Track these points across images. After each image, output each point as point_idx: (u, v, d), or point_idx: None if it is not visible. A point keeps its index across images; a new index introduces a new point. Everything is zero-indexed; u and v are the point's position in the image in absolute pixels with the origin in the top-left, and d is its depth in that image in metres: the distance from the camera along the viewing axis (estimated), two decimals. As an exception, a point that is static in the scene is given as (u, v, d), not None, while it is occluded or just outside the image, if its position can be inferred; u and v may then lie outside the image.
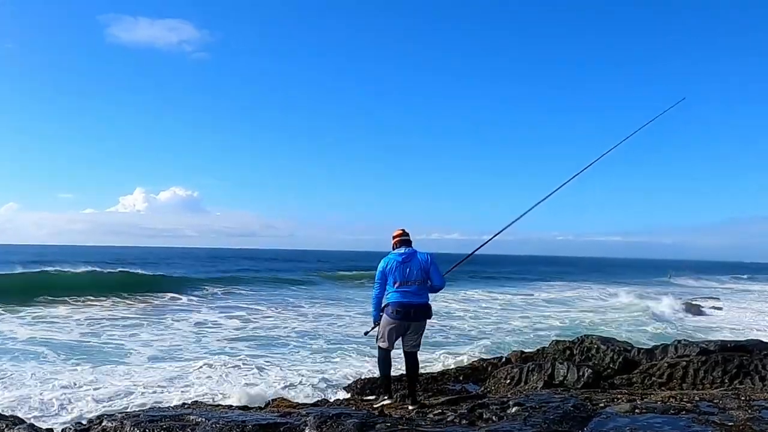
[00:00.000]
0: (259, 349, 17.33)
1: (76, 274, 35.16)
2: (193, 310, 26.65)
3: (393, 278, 6.00)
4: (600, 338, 11.46)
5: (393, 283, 5.99)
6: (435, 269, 6.08)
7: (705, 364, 9.11)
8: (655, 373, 9.29)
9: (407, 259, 6.03)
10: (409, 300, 5.92)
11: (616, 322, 25.94)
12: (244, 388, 12.46)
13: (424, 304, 6.03)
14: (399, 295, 5.95)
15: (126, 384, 12.80)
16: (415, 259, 6.06)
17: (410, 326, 6.04)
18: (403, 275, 5.97)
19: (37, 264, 44.63)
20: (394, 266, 6.03)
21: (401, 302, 5.91)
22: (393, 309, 5.93)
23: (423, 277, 6.02)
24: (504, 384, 9.45)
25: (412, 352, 6.22)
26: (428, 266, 6.06)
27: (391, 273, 6.02)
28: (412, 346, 6.18)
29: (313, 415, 5.20)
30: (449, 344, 19.07)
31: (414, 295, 5.96)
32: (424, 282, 6.04)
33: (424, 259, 6.07)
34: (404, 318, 5.96)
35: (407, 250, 6.12)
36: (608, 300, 38.97)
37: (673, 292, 45.92)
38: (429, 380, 10.58)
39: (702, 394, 6.77)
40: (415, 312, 5.96)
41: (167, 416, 5.42)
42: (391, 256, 6.12)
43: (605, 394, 7.05)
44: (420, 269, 6.01)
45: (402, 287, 5.95)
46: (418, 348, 6.27)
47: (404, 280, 5.96)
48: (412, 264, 6.01)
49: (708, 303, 36.36)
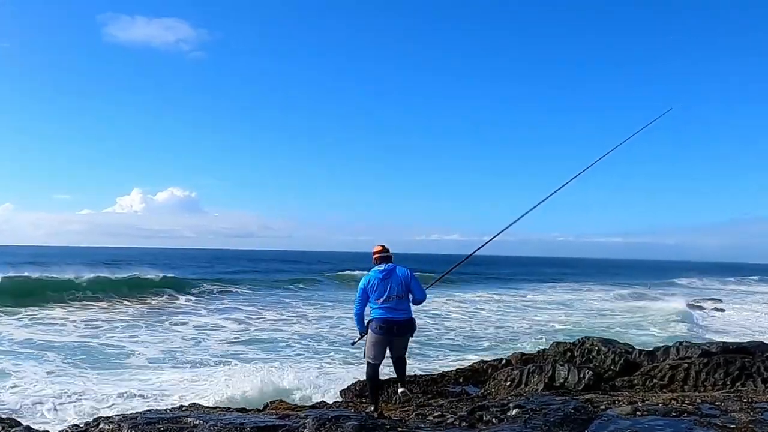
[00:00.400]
0: (257, 352, 17.32)
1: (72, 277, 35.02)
2: (192, 312, 26.66)
3: (375, 295, 6.17)
4: (601, 340, 11.46)
5: (375, 300, 6.17)
6: (415, 283, 6.25)
7: (707, 366, 9.10)
8: (656, 375, 9.29)
9: (387, 276, 6.19)
10: (392, 316, 6.09)
11: (631, 323, 25.94)
12: (242, 389, 12.45)
13: (407, 319, 6.20)
14: (382, 311, 6.12)
15: (124, 386, 12.80)
16: (395, 275, 6.21)
17: (393, 341, 6.23)
18: (385, 291, 6.14)
19: (35, 266, 44.59)
20: (375, 283, 6.18)
21: (384, 318, 6.08)
22: (377, 325, 6.11)
23: (403, 292, 6.19)
24: (504, 386, 9.44)
25: (400, 356, 6.43)
26: (408, 281, 6.22)
27: (372, 290, 6.18)
28: (399, 353, 6.39)
29: (311, 418, 5.20)
30: (449, 346, 19.08)
31: (396, 311, 6.13)
32: (405, 297, 6.21)
33: (404, 275, 6.23)
34: (387, 333, 6.12)
35: (387, 267, 6.26)
36: (618, 302, 38.76)
37: (682, 293, 45.87)
38: (429, 382, 10.56)
39: (704, 396, 6.77)
40: (399, 328, 6.14)
41: (165, 419, 5.41)
42: (372, 274, 6.26)
43: (606, 396, 7.05)
44: (400, 285, 6.17)
45: (384, 303, 6.13)
46: (405, 352, 6.48)
47: (386, 296, 6.13)
48: (392, 280, 6.17)
49: (709, 304, 36.37)
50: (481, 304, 34.18)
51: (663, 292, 45.79)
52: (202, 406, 7.98)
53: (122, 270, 42.52)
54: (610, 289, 51.21)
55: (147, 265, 54.25)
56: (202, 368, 14.73)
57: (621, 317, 28.93)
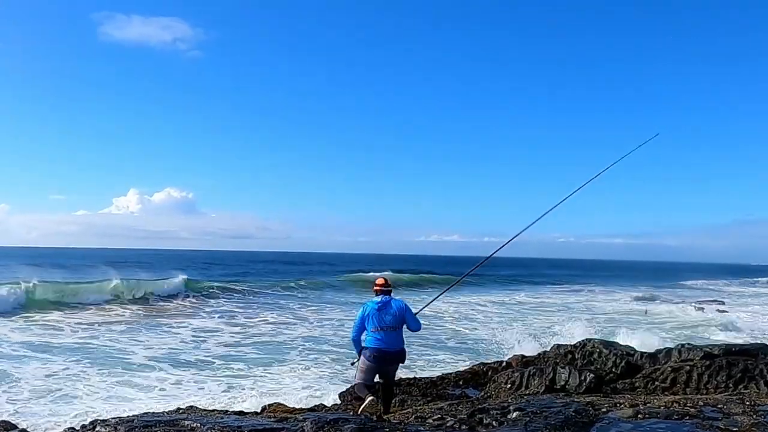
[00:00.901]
0: (256, 354, 17.34)
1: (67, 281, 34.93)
2: (191, 315, 26.62)
3: (370, 324, 6.75)
4: (602, 342, 11.46)
5: (371, 329, 6.74)
6: (410, 315, 6.85)
7: (709, 369, 9.10)
8: (658, 378, 9.28)
9: (383, 307, 6.78)
10: (385, 347, 6.66)
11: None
12: (241, 392, 12.46)
13: (398, 351, 6.78)
14: (376, 341, 6.69)
15: (122, 389, 12.82)
16: (390, 306, 6.80)
17: (384, 369, 6.80)
18: (380, 321, 6.72)
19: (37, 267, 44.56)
20: (371, 313, 6.78)
21: (378, 348, 6.65)
22: (370, 354, 6.66)
23: (398, 323, 6.76)
24: (504, 389, 9.44)
25: (389, 384, 6.99)
26: (403, 313, 6.80)
27: (368, 319, 6.78)
28: (387, 380, 6.95)
29: (310, 420, 5.19)
30: (449, 348, 19.07)
31: (389, 342, 6.69)
32: (399, 328, 6.78)
33: (399, 307, 6.82)
34: (379, 363, 6.69)
35: (383, 299, 6.86)
36: (648, 305, 38.31)
37: (696, 296, 45.59)
38: (428, 385, 10.57)
39: (706, 399, 6.76)
40: (390, 359, 6.73)
41: (162, 421, 5.40)
42: (369, 304, 6.87)
43: (607, 399, 7.04)
44: (394, 316, 6.76)
45: (378, 332, 6.70)
46: (394, 379, 7.08)
47: (380, 326, 6.70)
48: (388, 311, 6.77)
49: (714, 306, 36.34)
50: (481, 305, 34.18)
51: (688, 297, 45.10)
52: (200, 409, 7.98)
53: (122, 272, 42.47)
54: (627, 291, 49.94)
55: (145, 267, 54.21)
56: (201, 371, 14.73)
57: (674, 324, 27.28)
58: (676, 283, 66.94)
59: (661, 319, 28.99)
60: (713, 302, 39.84)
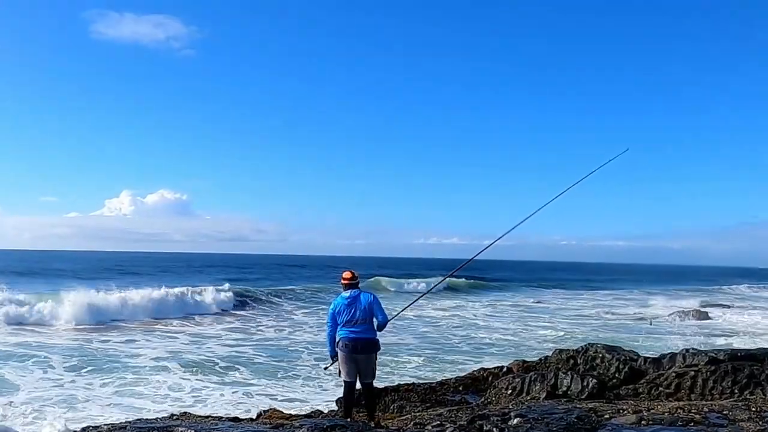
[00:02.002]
0: (253, 359, 17.34)
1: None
2: (190, 322, 26.54)
3: (341, 319, 7.01)
4: (605, 347, 11.43)
5: (342, 324, 7.00)
6: (377, 308, 7.05)
7: (714, 374, 9.09)
8: (662, 383, 9.27)
9: (352, 302, 7.02)
10: (356, 335, 6.89)
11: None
12: (236, 398, 12.45)
13: (370, 339, 6.99)
14: (348, 332, 6.95)
15: (118, 395, 12.83)
16: (359, 301, 7.03)
17: (359, 358, 6.94)
18: (349, 316, 6.97)
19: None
20: (341, 308, 7.03)
21: (349, 337, 6.91)
22: (342, 343, 6.92)
23: (367, 316, 6.98)
24: (505, 395, 9.42)
25: (368, 383, 7.06)
26: (371, 306, 7.01)
27: (339, 314, 7.03)
28: (366, 377, 7.05)
29: (306, 427, 5.19)
30: (448, 353, 19.07)
31: (360, 332, 6.92)
32: (368, 320, 7.00)
33: (367, 300, 7.04)
34: (353, 351, 6.88)
35: (352, 293, 7.09)
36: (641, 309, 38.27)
37: (707, 300, 45.34)
38: (427, 391, 10.54)
39: (711, 405, 6.76)
40: (362, 346, 6.90)
41: (155, 428, 5.39)
42: (339, 300, 7.13)
43: (610, 405, 7.03)
44: (363, 310, 6.98)
45: (350, 326, 6.95)
46: (373, 378, 7.14)
47: (350, 320, 6.95)
48: (357, 305, 7.01)
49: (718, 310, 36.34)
50: (481, 310, 34.19)
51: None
52: (194, 415, 7.97)
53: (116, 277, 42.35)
54: (682, 297, 46.87)
55: (140, 270, 54.17)
56: (195, 378, 14.70)
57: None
58: (719, 288, 65.48)
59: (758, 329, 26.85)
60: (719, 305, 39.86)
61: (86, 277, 45.88)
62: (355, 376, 7.01)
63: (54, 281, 40.65)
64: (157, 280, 41.07)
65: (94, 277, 45.58)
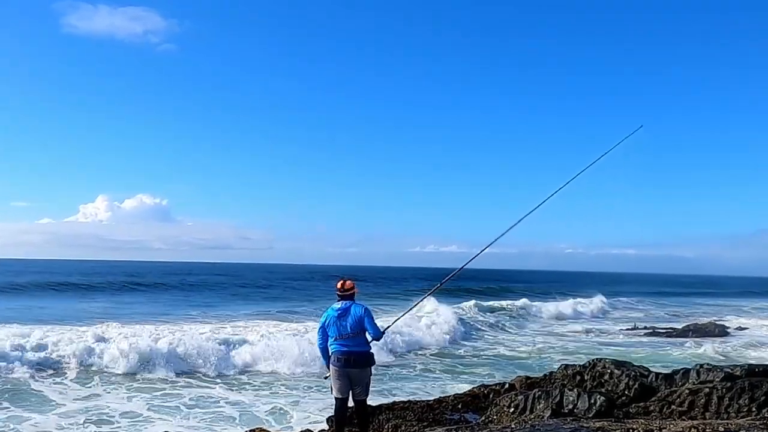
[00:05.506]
0: (240, 375, 17.27)
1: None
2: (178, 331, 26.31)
3: (332, 332, 7.01)
4: (614, 362, 11.41)
5: (333, 338, 7.00)
6: (369, 321, 7.00)
7: (730, 391, 9.07)
8: (674, 401, 9.25)
9: (343, 315, 6.98)
10: (348, 349, 6.91)
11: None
12: (223, 412, 12.38)
13: (363, 352, 7.00)
14: (339, 346, 6.97)
15: (100, 410, 12.76)
16: (349, 314, 6.99)
17: (352, 373, 6.96)
18: (339, 330, 6.96)
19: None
20: (331, 321, 7.02)
21: (341, 350, 6.92)
22: (335, 357, 6.95)
23: (358, 330, 6.96)
24: (507, 413, 9.39)
25: (360, 400, 7.06)
26: (362, 319, 6.97)
27: (329, 327, 7.03)
28: (359, 394, 7.04)
29: (292, 449, 5.13)
30: (447, 369, 19.03)
31: (353, 346, 6.95)
32: (360, 334, 6.98)
33: (358, 313, 6.97)
34: (345, 365, 6.89)
35: (343, 305, 7.04)
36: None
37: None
38: (424, 409, 10.49)
39: (727, 424, 6.74)
40: (355, 360, 6.91)
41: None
42: (329, 312, 7.08)
43: (619, 424, 7.01)
44: (354, 323, 6.95)
45: (340, 340, 6.96)
46: (366, 395, 7.14)
47: (342, 335, 6.94)
48: (347, 318, 6.97)
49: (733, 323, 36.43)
50: (481, 322, 34.13)
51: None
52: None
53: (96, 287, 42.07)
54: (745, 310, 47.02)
55: (119, 280, 53.67)
56: (183, 393, 14.62)
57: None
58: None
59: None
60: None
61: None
62: (347, 392, 6.98)
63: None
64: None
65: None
